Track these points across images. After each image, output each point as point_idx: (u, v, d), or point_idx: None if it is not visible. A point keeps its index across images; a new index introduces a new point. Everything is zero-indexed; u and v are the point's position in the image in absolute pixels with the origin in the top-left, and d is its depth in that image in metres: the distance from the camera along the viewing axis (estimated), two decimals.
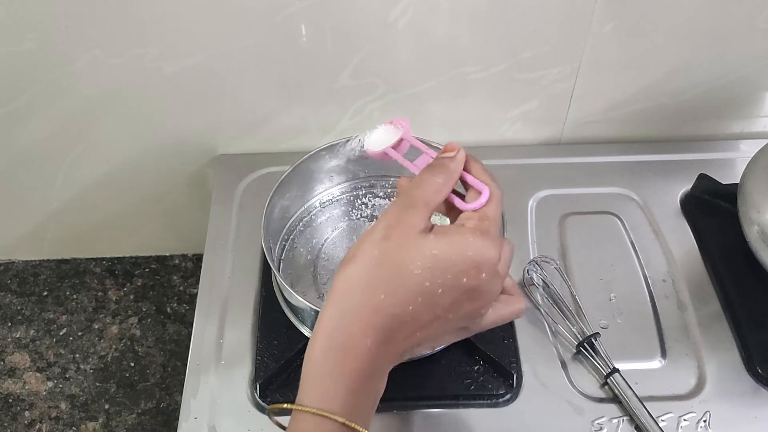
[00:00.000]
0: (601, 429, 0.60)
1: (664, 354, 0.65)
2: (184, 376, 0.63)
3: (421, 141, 0.52)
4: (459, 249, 0.41)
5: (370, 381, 0.41)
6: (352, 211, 0.75)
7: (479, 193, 0.45)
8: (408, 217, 0.42)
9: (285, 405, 0.42)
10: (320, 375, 0.41)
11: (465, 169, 0.47)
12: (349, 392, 0.40)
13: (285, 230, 0.72)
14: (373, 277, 0.41)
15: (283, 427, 0.45)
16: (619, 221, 0.76)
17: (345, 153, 0.57)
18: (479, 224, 0.43)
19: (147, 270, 0.99)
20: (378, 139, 0.53)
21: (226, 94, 0.77)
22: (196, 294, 0.69)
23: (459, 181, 0.47)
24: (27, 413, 0.86)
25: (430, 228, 0.43)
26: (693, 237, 0.74)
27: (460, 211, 0.46)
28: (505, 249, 0.45)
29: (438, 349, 0.61)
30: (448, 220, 0.49)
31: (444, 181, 0.45)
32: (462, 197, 0.46)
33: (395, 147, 0.52)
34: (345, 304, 0.41)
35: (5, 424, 0.86)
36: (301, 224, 0.74)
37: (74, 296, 0.96)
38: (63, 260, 0.99)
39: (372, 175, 0.76)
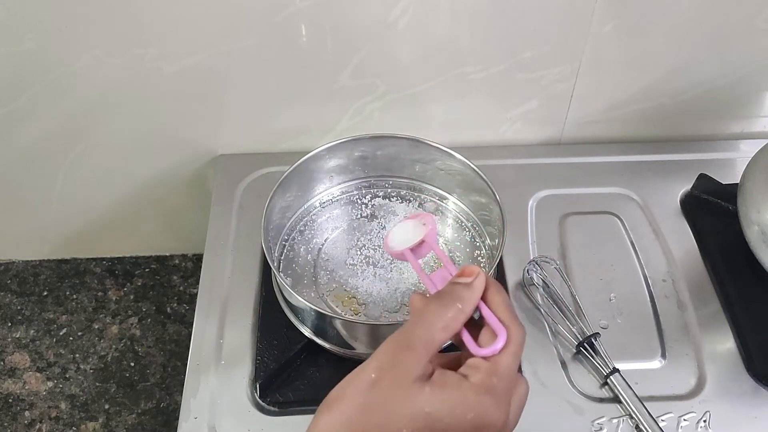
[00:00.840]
0: (601, 429, 0.60)
1: (664, 354, 0.65)
2: (184, 376, 0.63)
3: (443, 250, 0.46)
4: (456, 410, 0.35)
5: None
6: (352, 211, 0.75)
7: (495, 334, 0.38)
8: (403, 361, 0.36)
9: None
10: None
11: (484, 298, 0.39)
12: None
13: (285, 230, 0.72)
14: (353, 430, 0.35)
15: None
16: (619, 221, 0.76)
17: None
18: (485, 380, 0.36)
19: (147, 270, 0.99)
20: (400, 236, 0.48)
21: (226, 94, 0.77)
22: (196, 294, 0.69)
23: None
24: (27, 413, 0.86)
25: (430, 373, 0.36)
26: (693, 237, 0.74)
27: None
28: (519, 391, 0.38)
29: None
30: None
31: (454, 315, 0.38)
32: (479, 328, 0.39)
33: (414, 249, 0.47)
34: None
35: (5, 424, 0.86)
36: (301, 224, 0.74)
37: (74, 296, 0.96)
38: (63, 260, 0.99)
39: (372, 175, 0.76)
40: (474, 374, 0.36)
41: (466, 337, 0.38)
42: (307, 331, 0.64)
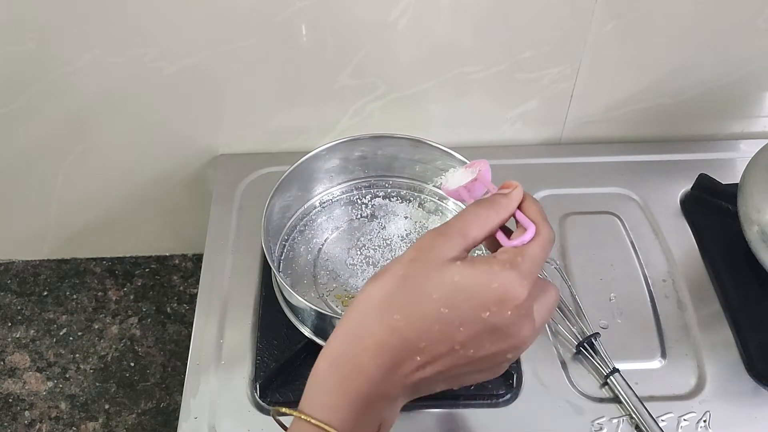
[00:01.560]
0: (601, 429, 0.60)
1: (664, 354, 0.65)
2: (184, 376, 0.63)
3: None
4: (482, 278, 0.39)
5: (374, 404, 0.40)
6: (352, 211, 0.75)
7: (525, 230, 0.42)
8: (439, 244, 0.41)
9: (288, 410, 0.42)
10: (324, 388, 0.41)
11: (520, 207, 0.44)
12: (350, 410, 0.40)
13: (285, 230, 0.72)
14: (392, 296, 0.40)
15: (285, 428, 0.45)
16: (619, 221, 0.76)
17: None
18: (511, 258, 0.40)
19: (147, 270, 0.99)
20: (455, 179, 0.51)
21: (226, 94, 0.77)
22: (196, 294, 0.70)
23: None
24: (27, 413, 0.86)
25: (463, 258, 0.41)
26: (693, 237, 0.74)
27: None
28: (548, 294, 0.42)
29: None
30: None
31: (488, 215, 0.42)
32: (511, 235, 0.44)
33: (470, 189, 0.50)
34: (360, 319, 0.41)
35: (5, 424, 0.86)
36: (301, 224, 0.74)
37: (74, 296, 0.96)
38: (63, 260, 0.99)
39: (372, 175, 0.76)
40: (501, 255, 0.41)
41: (500, 235, 0.43)
42: (307, 331, 0.64)
